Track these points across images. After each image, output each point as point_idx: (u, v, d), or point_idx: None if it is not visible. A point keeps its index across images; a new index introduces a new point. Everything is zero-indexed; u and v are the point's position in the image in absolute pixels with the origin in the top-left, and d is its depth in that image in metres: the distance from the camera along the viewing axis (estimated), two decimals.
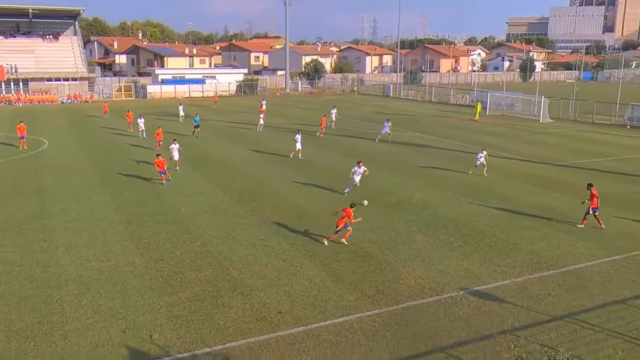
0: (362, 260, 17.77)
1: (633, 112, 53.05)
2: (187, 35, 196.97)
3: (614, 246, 19.30)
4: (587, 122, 54.49)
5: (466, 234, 20.39)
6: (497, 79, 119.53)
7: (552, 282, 16.29)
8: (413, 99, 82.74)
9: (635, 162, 34.77)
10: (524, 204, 24.60)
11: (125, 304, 14.71)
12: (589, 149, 39.13)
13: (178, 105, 56.62)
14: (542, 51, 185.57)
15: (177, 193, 25.93)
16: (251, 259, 17.87)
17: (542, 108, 56.22)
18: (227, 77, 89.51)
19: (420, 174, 30.37)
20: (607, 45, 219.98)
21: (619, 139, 44.58)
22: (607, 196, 25.77)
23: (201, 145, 39.23)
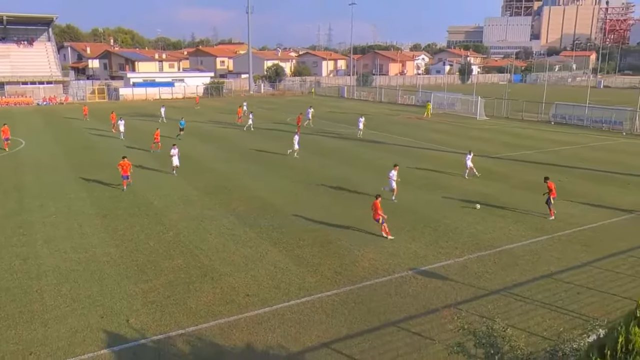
0: (322, 246, 17.83)
1: (557, 110, 54.77)
2: (157, 41, 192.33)
3: (542, 228, 19.94)
4: (518, 119, 56.00)
5: (414, 220, 20.70)
6: (440, 81, 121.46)
7: (489, 261, 16.72)
8: (365, 99, 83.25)
9: (558, 153, 35.98)
10: (463, 192, 25.12)
11: (102, 292, 14.34)
12: (519, 143, 40.25)
13: (160, 107, 54.52)
14: (478, 56, 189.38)
15: (150, 188, 25.39)
16: (220, 247, 17.69)
17: (479, 107, 57.40)
18: (195, 80, 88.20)
19: (374, 167, 30.62)
20: (534, 51, 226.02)
21: (544, 133, 45.99)
22: (535, 184, 26.61)
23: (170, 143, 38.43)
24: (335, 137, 42.40)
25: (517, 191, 25.23)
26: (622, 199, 24.02)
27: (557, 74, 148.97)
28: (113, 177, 27.67)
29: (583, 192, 25.18)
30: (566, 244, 18.26)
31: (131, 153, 34.72)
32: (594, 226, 20.18)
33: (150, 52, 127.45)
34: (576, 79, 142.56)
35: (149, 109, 64.12)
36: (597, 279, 15.39)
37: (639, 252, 17.48)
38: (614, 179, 28.27)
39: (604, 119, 50.03)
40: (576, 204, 23.21)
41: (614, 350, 6.22)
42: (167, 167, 29.87)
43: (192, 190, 24.96)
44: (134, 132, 42.80)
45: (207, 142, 39.06)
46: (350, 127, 47.19)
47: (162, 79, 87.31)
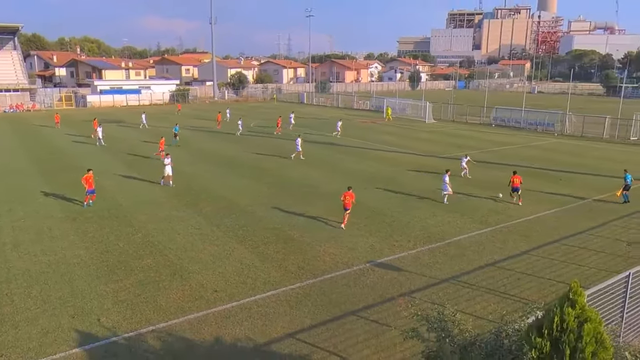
0: (285, 243, 17.77)
1: (497, 114, 56.42)
2: (123, 50, 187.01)
3: (486, 221, 20.51)
4: (463, 122, 57.38)
5: (371, 216, 20.90)
6: (392, 88, 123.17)
7: (439, 252, 17.06)
8: (323, 104, 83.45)
9: (497, 153, 37.06)
10: (416, 188, 25.54)
11: (73, 293, 13.84)
12: (464, 144, 41.24)
13: (141, 114, 52.30)
14: (426, 65, 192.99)
15: (119, 190, 24.66)
16: (188, 246, 17.37)
17: (427, 111, 58.43)
18: (161, 87, 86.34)
19: (332, 168, 30.74)
20: (475, 60, 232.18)
21: (486, 135, 47.29)
22: (479, 181, 27.34)
23: (143, 148, 37.49)
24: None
25: (463, 188, 25.83)
26: (555, 193, 24.97)
27: (496, 81, 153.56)
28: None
29: (522, 187, 25.98)
30: (507, 234, 18.84)
31: (103, 158, 33.63)
32: (531, 218, 20.89)
33: (116, 61, 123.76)
34: (513, 85, 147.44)
35: (117, 115, 62.30)
36: (534, 266, 15.95)
37: (570, 241, 18.23)
38: (548, 175, 29.36)
39: (538, 121, 51.87)
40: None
41: (550, 329, 6.47)
42: (141, 174, 29.13)
43: (160, 193, 24.39)
44: (109, 139, 41.46)
45: (175, 146, 38.22)
46: (311, 130, 47.20)
47: (129, 86, 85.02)
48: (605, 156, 36.14)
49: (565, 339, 6.34)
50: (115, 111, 68.11)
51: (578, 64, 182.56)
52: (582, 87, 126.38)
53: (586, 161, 33.91)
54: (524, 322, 7.59)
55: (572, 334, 6.33)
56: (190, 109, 72.33)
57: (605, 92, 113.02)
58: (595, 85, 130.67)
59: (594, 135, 46.17)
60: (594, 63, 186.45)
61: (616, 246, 17.66)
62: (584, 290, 7.13)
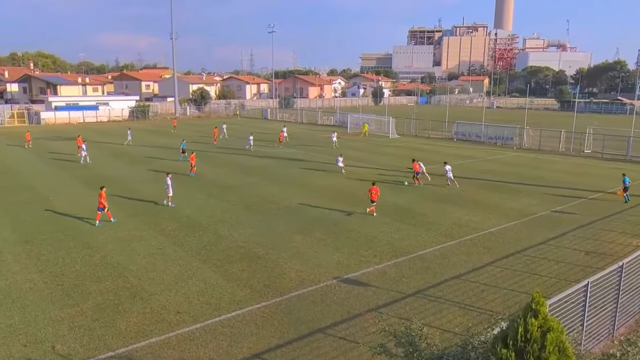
0: (250, 260, 17.55)
1: (458, 128, 57.90)
2: (80, 65, 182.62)
3: (450, 234, 20.87)
4: (425, 137, 58.55)
5: (336, 232, 20.92)
6: (355, 103, 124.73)
7: (405, 266, 17.20)
8: (287, 120, 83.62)
9: (460, 167, 37.86)
10: (380, 203, 25.75)
11: (25, 320, 13.19)
12: (427, 158, 41.90)
13: (127, 130, 51.10)
14: (389, 80, 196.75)
15: (75, 211, 23.82)
16: (149, 267, 16.91)
17: (391, 126, 59.36)
18: (120, 103, 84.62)
19: (297, 184, 30.71)
20: (436, 76, 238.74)
21: (448, 149, 48.37)
22: (441, 195, 27.88)
23: (96, 166, 36.47)
24: (259, 156, 42.15)
25: (426, 202, 26.26)
26: (515, 205, 25.72)
27: (457, 96, 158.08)
28: (36, 200, 25.73)
29: (483, 200, 26.69)
30: (471, 247, 19.21)
31: (56, 175, 32.50)
32: (493, 230, 21.41)
33: (72, 76, 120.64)
34: (473, 100, 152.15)
35: (74, 132, 60.50)
36: (498, 277, 16.29)
37: (531, 251, 18.76)
38: (507, 187, 30.24)
39: (498, 135, 53.54)
40: (477, 211, 24.54)
41: (515, 340, 6.59)
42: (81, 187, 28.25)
43: (120, 212, 23.72)
44: (65, 156, 40.15)
45: (135, 163, 37.40)
46: (271, 145, 47.13)
47: (86, 102, 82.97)
48: (561, 169, 37.56)
49: (529, 349, 6.48)
50: (72, 129, 66.18)
51: (534, 80, 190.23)
52: (538, 102, 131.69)
53: (544, 174, 35.13)
54: (490, 334, 7.71)
55: (536, 344, 6.48)
56: (150, 126, 71.06)
57: (559, 107, 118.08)
58: (551, 100, 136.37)
59: (551, 149, 48.00)
60: (548, 79, 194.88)
61: (575, 256, 18.28)
62: (546, 300, 7.33)
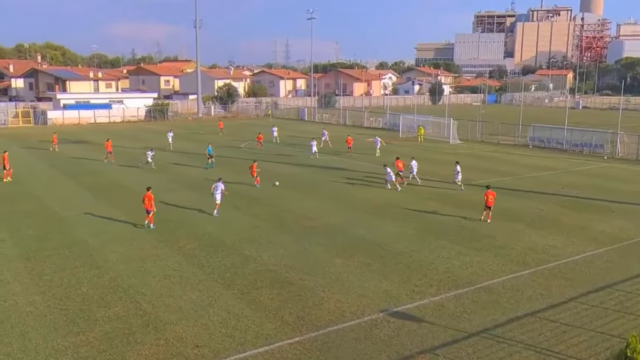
0: (281, 287, 17.64)
1: (534, 133, 56.67)
2: (92, 58, 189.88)
3: (523, 261, 20.36)
4: (493, 143, 57.57)
5: (384, 256, 20.78)
6: (408, 102, 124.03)
7: (467, 299, 16.89)
8: (327, 122, 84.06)
9: (536, 179, 37.03)
10: (437, 223, 25.45)
11: (24, 348, 13.70)
12: (495, 168, 41.28)
13: (167, 132, 52.22)
14: (450, 75, 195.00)
15: (83, 224, 24.68)
16: (165, 291, 17.26)
17: (451, 130, 58.72)
18: (136, 101, 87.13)
19: (338, 197, 30.74)
20: (508, 69, 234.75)
21: (521, 158, 47.36)
22: (514, 214, 27.27)
23: (108, 173, 37.69)
24: (292, 163, 42.48)
25: (494, 221, 25.73)
26: (606, 228, 24.85)
27: (533, 94, 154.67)
28: (39, 211, 26.79)
29: (565, 221, 25.92)
30: (549, 278, 18.67)
31: (63, 185, 33.76)
32: (577, 258, 20.74)
33: (84, 70, 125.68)
34: (553, 99, 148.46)
35: (83, 135, 62.86)
36: (583, 316, 15.75)
37: (625, 286, 18.03)
38: (596, 206, 29.28)
39: (584, 142, 52.06)
40: (558, 234, 23.85)
41: None
42: (111, 203, 29.15)
43: (132, 227, 24.37)
44: (71, 161, 41.77)
45: (152, 171, 38.40)
46: (306, 150, 47.48)
47: (98, 100, 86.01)
48: None
49: None
50: (81, 130, 68.72)
51: (630, 74, 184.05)
52: (635, 102, 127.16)
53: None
54: None
55: None
56: (169, 127, 72.89)
57: None
58: None
59: None
60: None
61: None
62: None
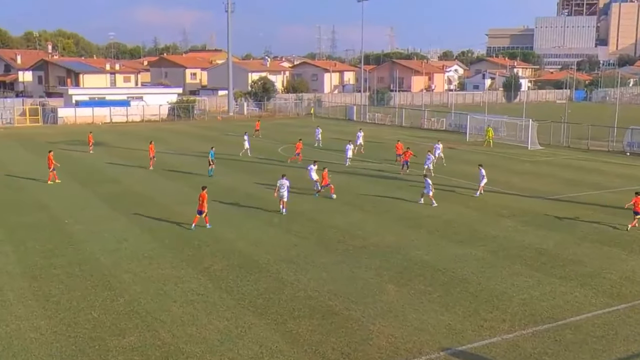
0: (323, 318, 17.64)
1: (633, 138, 55.18)
2: (108, 47, 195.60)
3: (618, 293, 19.79)
4: (582, 149, 56.29)
5: (446, 283, 20.55)
6: (478, 99, 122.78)
7: (549, 338, 16.52)
8: (381, 122, 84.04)
9: (634, 194, 35.90)
10: (512, 245, 25.01)
11: None
12: (584, 180, 40.31)
13: (243, 135, 52.27)
14: (528, 67, 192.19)
15: (95, 239, 25.29)
16: (187, 319, 17.50)
17: (530, 133, 57.76)
18: (157, 98, 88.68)
19: (390, 211, 30.62)
20: (600, 60, 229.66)
21: (617, 167, 46.15)
22: (606, 234, 26.57)
23: (128, 180, 38.56)
24: (335, 171, 42.52)
25: (583, 244, 25.12)
26: None
27: (632, 90, 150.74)
28: (48, 223, 27.59)
29: None
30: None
31: (71, 193, 34.68)
32: None
33: (99, 62, 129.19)
34: None
35: (98, 135, 64.43)
36: None
37: None
38: None
39: None
40: None
41: None
42: (128, 214, 29.82)
43: (151, 242, 24.83)
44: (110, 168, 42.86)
45: (175, 179, 39.15)
46: (360, 158, 47.40)
47: (115, 96, 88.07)
48: None
49: None
50: (96, 130, 70.48)
51: None
52: None
53: None
54: None
55: None
56: (195, 128, 74.15)
57: None
58: None
59: None
60: None
61: None
62: None
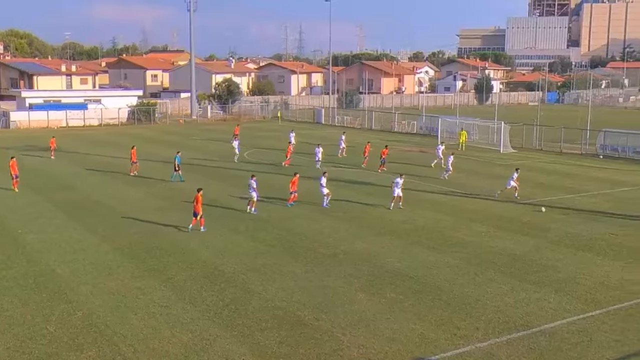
0: (292, 328, 17.60)
1: (606, 140, 56.11)
2: (64, 48, 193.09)
3: (592, 299, 20.08)
4: (555, 152, 57.11)
5: (419, 290, 20.66)
6: (449, 102, 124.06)
7: (523, 346, 16.69)
8: (350, 125, 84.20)
9: (607, 198, 36.59)
10: (485, 251, 25.26)
11: None
12: (557, 184, 40.94)
13: (289, 133, 51.52)
14: (500, 68, 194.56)
15: (51, 250, 24.92)
16: (149, 332, 17.32)
17: (503, 136, 58.39)
18: (116, 100, 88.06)
19: (360, 217, 30.70)
20: (572, 61, 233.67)
21: (590, 170, 46.95)
22: (580, 239, 26.99)
23: (84, 188, 38.05)
24: (305, 177, 42.48)
25: (557, 249, 25.49)
26: None
27: (604, 92, 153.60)
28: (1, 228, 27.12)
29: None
30: (626, 320, 18.43)
31: (24, 202, 34.13)
32: None
33: (55, 63, 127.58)
34: (630, 98, 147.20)
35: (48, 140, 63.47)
36: None
37: None
38: None
39: None
40: (637, 265, 23.57)
41: None
42: (85, 224, 29.44)
43: (111, 252, 24.54)
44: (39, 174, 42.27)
45: (136, 184, 38.75)
46: (334, 164, 47.48)
47: (71, 99, 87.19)
48: None
49: None
50: (50, 135, 69.46)
51: None
52: None
53: None
54: None
55: None
56: (156, 132, 73.57)
57: None
58: None
59: None
60: None
61: None
62: None
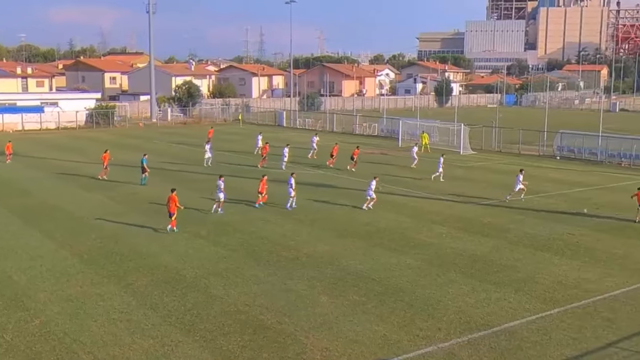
0: (255, 333, 17.54)
1: (562, 141, 57.12)
2: (19, 50, 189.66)
3: (551, 298, 20.42)
4: (513, 153, 57.98)
5: (381, 292, 20.75)
6: (410, 104, 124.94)
7: (484, 346, 16.88)
8: (311, 128, 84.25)
9: (564, 198, 37.30)
10: (446, 252, 25.49)
11: None
12: (510, 184, 41.50)
13: (311, 137, 51.43)
14: (459, 71, 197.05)
15: (7, 257, 24.40)
16: (109, 339, 17.09)
17: (462, 138, 59.02)
18: (74, 103, 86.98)
19: (323, 219, 30.74)
20: (530, 64, 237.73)
21: (547, 171, 47.73)
22: (538, 239, 27.43)
23: (39, 193, 37.37)
24: (274, 179, 42.40)
25: (516, 249, 25.85)
26: None
27: (560, 94, 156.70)
28: None
29: (601, 249, 26.11)
30: (583, 318, 18.76)
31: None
32: (617, 294, 20.87)
33: (9, 65, 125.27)
34: (585, 100, 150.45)
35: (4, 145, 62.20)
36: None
37: None
38: (639, 230, 29.52)
39: (623, 151, 52.63)
40: (593, 264, 24.01)
41: None
42: (43, 230, 28.95)
43: (69, 259, 24.14)
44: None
45: (94, 189, 38.17)
46: (298, 166, 47.45)
47: (27, 102, 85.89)
48: None
49: None
50: (6, 138, 68.09)
51: None
52: None
53: None
54: None
55: None
56: (116, 135, 72.64)
57: None
58: None
59: None
60: None
61: None
62: None
